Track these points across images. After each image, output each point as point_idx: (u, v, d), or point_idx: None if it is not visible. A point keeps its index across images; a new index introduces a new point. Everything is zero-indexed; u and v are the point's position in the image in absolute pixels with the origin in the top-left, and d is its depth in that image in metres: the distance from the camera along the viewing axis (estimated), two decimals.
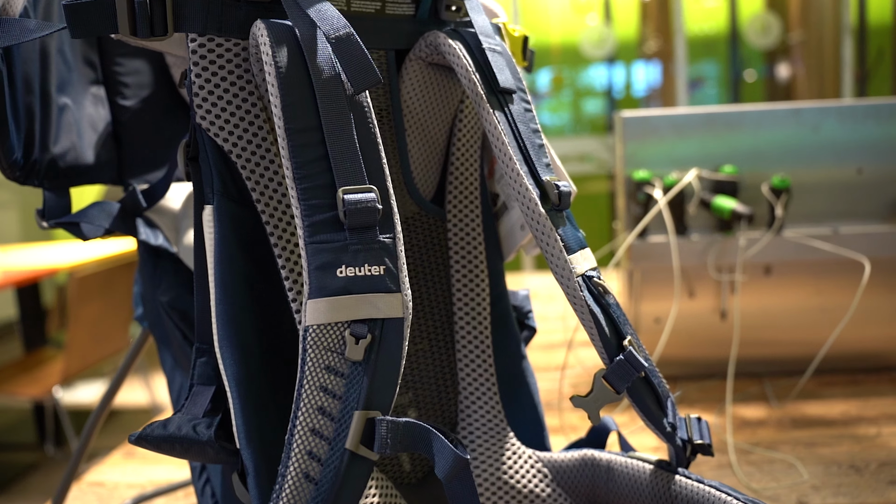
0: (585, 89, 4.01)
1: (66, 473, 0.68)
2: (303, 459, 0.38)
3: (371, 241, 0.41)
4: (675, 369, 1.02)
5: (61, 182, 0.55)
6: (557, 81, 4.00)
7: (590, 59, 3.86)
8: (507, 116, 0.49)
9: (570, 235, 0.47)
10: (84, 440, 0.67)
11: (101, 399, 0.68)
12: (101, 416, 0.68)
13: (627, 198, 0.99)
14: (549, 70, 3.95)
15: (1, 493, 2.47)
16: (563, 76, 3.98)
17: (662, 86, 3.82)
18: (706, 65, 3.88)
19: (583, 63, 3.92)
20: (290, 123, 0.41)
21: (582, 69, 3.96)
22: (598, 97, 4.00)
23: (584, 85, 4.01)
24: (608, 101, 3.93)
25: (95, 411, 0.68)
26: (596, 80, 3.99)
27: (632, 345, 0.47)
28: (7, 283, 2.33)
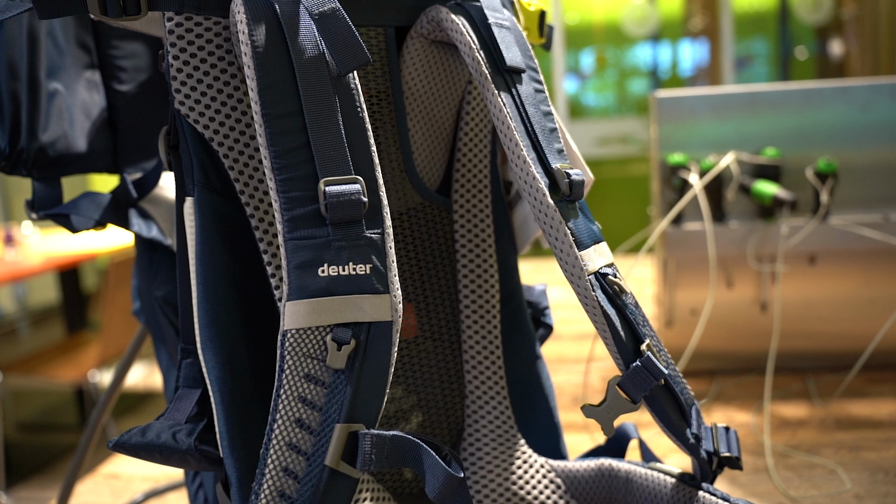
0: (630, 69, 3.91)
1: (73, 466, 0.66)
2: (278, 476, 0.35)
3: (356, 238, 0.37)
4: (711, 363, 0.97)
5: (51, 171, 0.53)
6: (601, 61, 3.91)
7: (633, 38, 3.76)
8: (514, 98, 0.44)
9: (582, 229, 0.43)
10: (88, 434, 0.66)
11: (104, 395, 0.66)
12: (105, 410, 0.66)
13: (662, 183, 0.94)
14: (592, 50, 3.86)
15: (44, 473, 2.52)
16: (606, 56, 3.89)
17: (710, 65, 3.71)
18: (755, 42, 3.75)
19: (627, 42, 3.83)
20: (268, 108, 0.37)
21: (627, 48, 3.86)
22: (642, 77, 3.90)
23: (628, 64, 3.91)
24: (653, 80, 3.82)
25: (99, 406, 0.66)
26: (641, 60, 3.89)
27: (651, 349, 0.42)
28: (49, 268, 2.36)
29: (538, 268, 1.73)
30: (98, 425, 0.67)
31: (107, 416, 0.67)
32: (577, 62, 3.84)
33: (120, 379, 0.65)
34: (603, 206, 3.77)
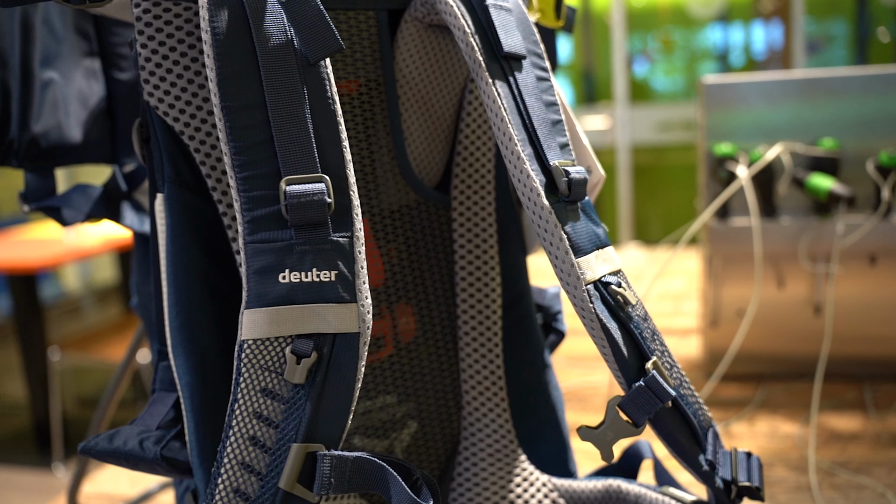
0: (700, 52, 3.77)
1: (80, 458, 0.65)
2: (228, 498, 0.32)
3: (321, 241, 0.34)
4: (759, 367, 0.91)
5: (44, 162, 0.51)
6: (667, 44, 3.78)
7: (701, 20, 3.63)
8: (510, 87, 0.40)
9: (582, 233, 0.39)
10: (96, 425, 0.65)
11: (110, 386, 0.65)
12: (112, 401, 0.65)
13: (708, 175, 0.88)
14: (657, 33, 3.74)
15: None
16: (674, 38, 3.76)
17: (784, 47, 3.54)
18: (832, 23, 3.56)
19: (696, 25, 3.69)
20: (228, 101, 0.34)
21: (697, 31, 3.73)
22: (713, 60, 3.76)
23: (699, 47, 3.77)
24: (722, 64, 3.68)
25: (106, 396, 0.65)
26: (712, 42, 3.75)
27: (658, 368, 0.38)
28: (108, 249, 2.42)
29: None
30: (106, 416, 0.66)
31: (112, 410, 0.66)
32: (645, 45, 3.73)
33: (123, 371, 0.63)
34: (663, 194, 3.66)
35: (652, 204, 3.73)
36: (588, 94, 3.86)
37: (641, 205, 3.66)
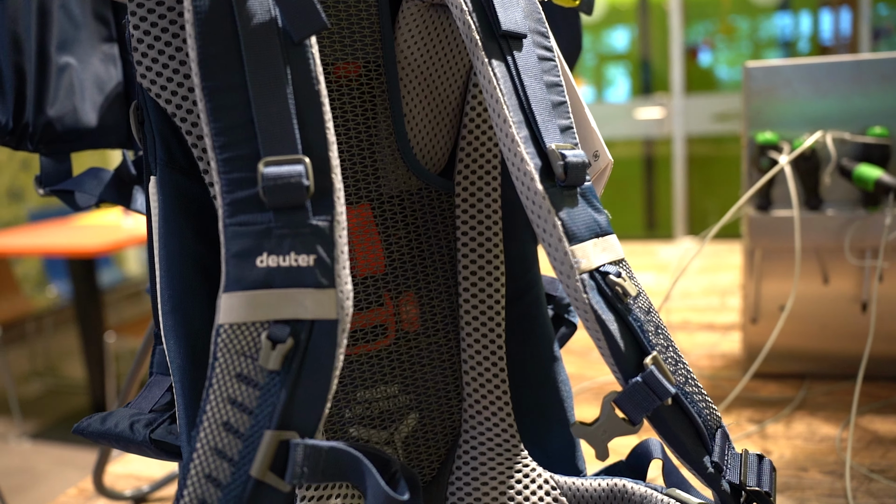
0: (766, 40, 3.66)
1: None
2: (200, 483, 0.32)
3: (300, 225, 0.33)
4: (801, 365, 0.87)
5: (59, 146, 0.52)
6: (727, 31, 3.68)
7: (764, 7, 3.52)
8: (508, 67, 0.39)
9: (579, 220, 0.37)
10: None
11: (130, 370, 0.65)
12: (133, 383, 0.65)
13: (749, 164, 0.84)
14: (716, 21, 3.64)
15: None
16: (735, 26, 3.65)
17: (852, 34, 3.41)
18: None
19: (761, 12, 3.58)
20: (209, 81, 0.34)
21: (762, 19, 3.61)
22: (778, 49, 3.64)
23: (765, 35, 3.65)
24: (789, 52, 3.57)
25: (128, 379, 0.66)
26: (779, 30, 3.63)
27: (657, 363, 0.36)
28: None
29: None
30: (128, 397, 0.66)
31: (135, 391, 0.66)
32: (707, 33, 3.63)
33: (143, 353, 0.64)
34: (721, 187, 3.57)
35: (709, 197, 3.64)
36: (645, 84, 3.78)
37: (698, 197, 3.58)
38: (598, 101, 3.88)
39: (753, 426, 0.76)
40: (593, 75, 3.94)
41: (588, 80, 3.95)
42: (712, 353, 0.97)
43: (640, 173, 3.89)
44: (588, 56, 3.92)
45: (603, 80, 3.94)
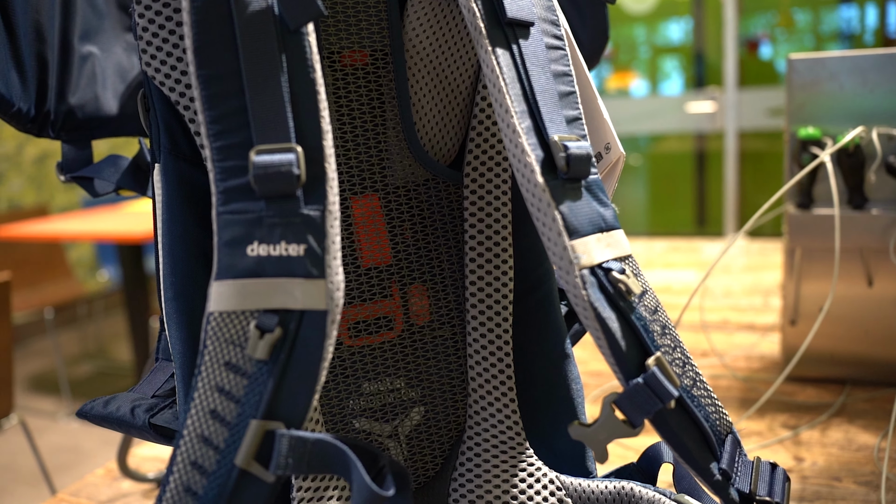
0: (829, 33, 3.54)
1: None
2: (185, 470, 0.32)
3: (291, 214, 0.33)
4: (841, 370, 0.84)
5: (80, 134, 0.53)
6: (787, 23, 3.57)
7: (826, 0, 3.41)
8: (513, 56, 0.37)
9: (581, 214, 0.36)
10: None
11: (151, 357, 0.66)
12: None
13: (790, 160, 0.81)
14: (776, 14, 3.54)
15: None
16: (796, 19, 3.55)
17: None
18: None
19: (825, 4, 3.47)
20: (204, 69, 0.34)
21: (826, 11, 3.50)
22: (843, 41, 3.52)
23: (828, 28, 3.54)
24: (853, 45, 3.45)
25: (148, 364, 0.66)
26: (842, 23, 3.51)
27: (660, 364, 0.35)
28: None
29: (677, 247, 1.61)
30: None
31: None
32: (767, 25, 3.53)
33: None
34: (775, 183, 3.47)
35: (762, 193, 3.55)
36: (698, 78, 3.70)
37: (750, 194, 3.49)
38: (653, 94, 3.81)
39: (787, 432, 0.73)
40: (648, 68, 3.88)
41: (642, 73, 3.88)
42: (750, 355, 0.94)
43: (691, 169, 3.82)
44: (643, 49, 3.86)
45: (657, 73, 3.87)
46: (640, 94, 3.86)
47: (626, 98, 3.74)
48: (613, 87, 3.90)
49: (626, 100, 3.66)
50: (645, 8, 3.79)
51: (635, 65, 3.89)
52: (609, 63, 3.91)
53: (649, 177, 3.98)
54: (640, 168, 4.00)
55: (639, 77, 3.89)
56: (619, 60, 3.91)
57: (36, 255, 3.55)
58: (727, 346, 0.98)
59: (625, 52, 3.90)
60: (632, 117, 3.48)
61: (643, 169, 3.99)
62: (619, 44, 3.89)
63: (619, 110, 3.51)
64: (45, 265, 3.56)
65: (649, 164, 3.98)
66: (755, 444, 0.70)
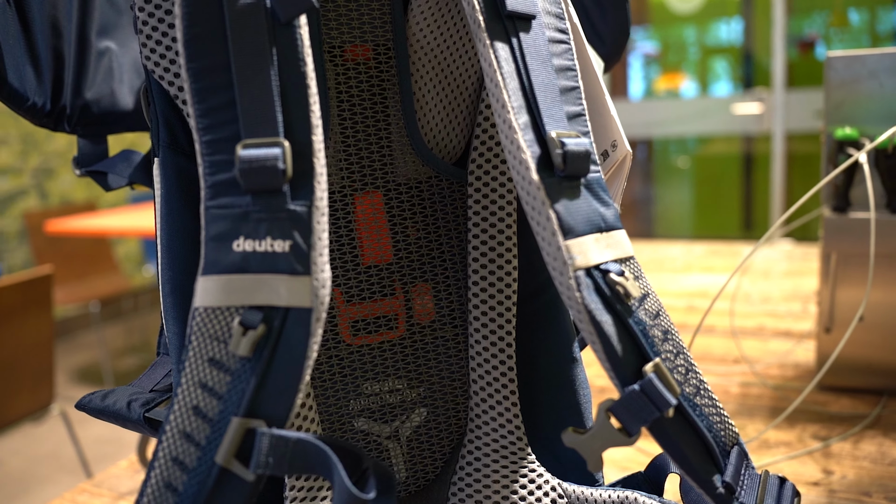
0: (886, 32, 3.43)
1: None
2: (167, 466, 0.31)
3: (277, 210, 0.32)
4: (878, 380, 0.80)
5: (96, 129, 0.53)
6: (841, 22, 3.47)
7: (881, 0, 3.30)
8: (512, 49, 0.36)
9: (578, 213, 0.34)
10: None
11: None
12: None
13: (826, 161, 0.78)
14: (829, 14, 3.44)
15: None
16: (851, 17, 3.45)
17: None
18: None
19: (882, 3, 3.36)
20: (193, 62, 0.33)
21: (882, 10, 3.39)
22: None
23: (886, 28, 3.43)
24: None
25: None
26: None
27: (658, 371, 0.33)
28: None
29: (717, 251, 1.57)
30: None
31: None
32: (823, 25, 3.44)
33: None
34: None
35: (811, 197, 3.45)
36: (747, 78, 3.63)
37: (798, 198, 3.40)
38: (702, 95, 3.75)
39: (818, 443, 0.70)
40: (696, 69, 3.81)
41: (691, 73, 3.82)
42: (784, 363, 0.91)
43: (738, 171, 3.74)
44: (692, 50, 3.79)
45: (706, 74, 3.80)
46: (689, 95, 3.79)
47: (674, 99, 3.68)
48: (662, 88, 3.84)
49: (674, 101, 3.60)
50: (691, 7, 3.73)
51: (684, 66, 3.82)
52: (657, 64, 3.85)
53: (695, 179, 3.91)
54: (686, 171, 3.93)
55: (688, 78, 3.83)
56: (667, 61, 3.85)
57: (84, 250, 3.63)
58: (761, 353, 0.95)
59: (673, 52, 3.84)
60: (678, 118, 3.42)
61: (690, 171, 3.92)
62: (669, 44, 3.83)
63: (666, 112, 3.46)
64: (92, 259, 3.64)
65: (696, 166, 3.91)
66: (782, 455, 0.68)
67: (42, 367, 1.80)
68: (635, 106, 3.52)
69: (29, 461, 2.75)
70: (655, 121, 3.42)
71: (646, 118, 3.44)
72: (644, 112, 3.46)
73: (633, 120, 3.45)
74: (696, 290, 1.28)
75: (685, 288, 1.29)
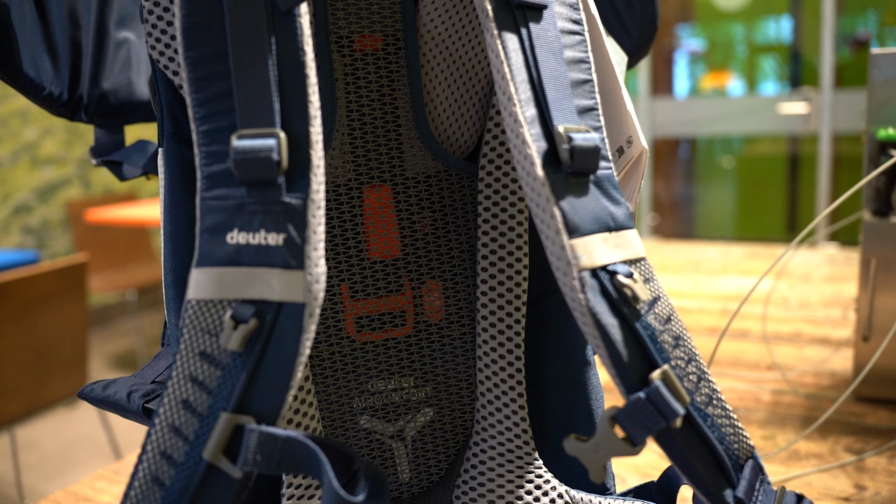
0: None
1: None
2: (155, 459, 0.31)
3: (272, 202, 0.31)
4: None
5: (113, 119, 0.54)
6: (893, 17, 3.36)
7: None
8: (521, 40, 0.35)
9: (583, 211, 0.33)
10: None
11: None
12: None
13: (868, 162, 0.75)
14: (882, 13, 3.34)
15: None
16: None
17: None
18: None
19: None
20: (191, 50, 0.33)
21: None
22: None
23: None
24: None
25: None
26: None
27: (667, 378, 0.31)
28: None
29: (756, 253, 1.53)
30: None
31: None
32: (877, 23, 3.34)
33: None
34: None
35: (857, 199, 3.36)
36: (794, 78, 3.54)
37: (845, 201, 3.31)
38: (748, 94, 3.67)
39: (851, 456, 0.68)
40: (744, 67, 3.73)
41: (739, 72, 3.74)
42: (819, 371, 0.88)
43: (783, 172, 3.65)
44: (739, 48, 3.72)
45: (754, 72, 3.72)
46: (735, 93, 3.72)
47: (718, 97, 3.61)
48: (708, 86, 3.77)
49: (718, 99, 3.53)
50: (738, 4, 3.65)
51: (732, 64, 3.75)
52: (703, 62, 3.79)
53: (739, 180, 3.84)
54: (730, 171, 3.85)
55: (734, 77, 3.75)
56: (713, 59, 3.78)
57: (123, 239, 3.70)
58: (795, 360, 0.92)
59: (720, 50, 3.76)
60: (723, 117, 3.36)
61: (733, 171, 3.85)
62: (715, 42, 3.76)
63: (710, 110, 3.39)
64: (130, 249, 3.71)
65: (740, 166, 3.83)
66: (813, 468, 0.65)
67: (76, 353, 1.83)
68: (679, 104, 3.46)
69: (65, 444, 2.81)
70: (699, 119, 3.36)
71: (690, 116, 3.38)
72: (688, 110, 3.41)
73: (676, 118, 3.40)
74: (731, 292, 1.24)
75: (720, 290, 1.26)
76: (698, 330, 1.05)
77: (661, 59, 3.79)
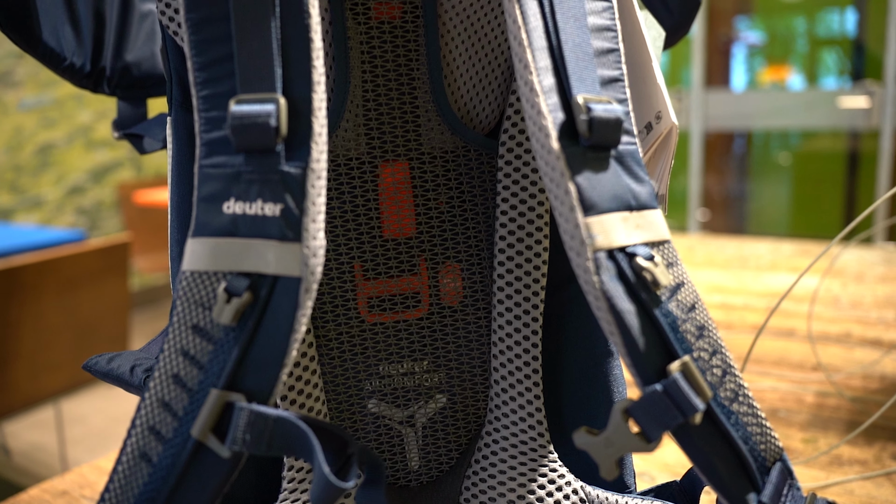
0: None
1: None
2: (143, 435, 0.30)
3: (269, 171, 0.30)
4: None
5: (136, 91, 0.53)
6: None
7: None
8: (541, 5, 0.32)
9: (602, 187, 0.30)
10: None
11: None
12: None
13: (895, 162, 0.70)
14: None
15: None
16: None
17: None
18: None
19: None
20: (193, 12, 0.31)
21: None
22: None
23: None
24: None
25: None
26: None
27: (686, 370, 0.29)
28: None
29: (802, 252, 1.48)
30: None
31: None
32: None
33: None
34: None
35: None
36: (857, 71, 3.42)
37: None
38: (808, 87, 3.56)
39: (885, 471, 0.64)
40: (804, 61, 3.62)
41: (799, 65, 3.63)
42: (869, 374, 0.84)
43: (841, 169, 3.53)
44: (799, 41, 3.60)
45: (815, 67, 3.60)
46: (797, 87, 3.61)
47: (776, 91, 3.51)
48: (766, 80, 3.67)
49: (776, 93, 3.43)
50: None
51: (793, 58, 3.63)
52: (761, 55, 3.68)
53: (795, 176, 3.72)
54: (786, 167, 3.75)
55: (794, 70, 3.64)
56: (772, 52, 3.67)
57: None
58: (844, 361, 0.87)
59: (779, 44, 3.65)
60: (780, 110, 3.26)
61: (789, 167, 3.74)
62: (775, 35, 3.65)
63: (767, 103, 3.29)
64: None
65: (797, 162, 3.72)
66: (856, 475, 0.62)
67: (118, 332, 1.86)
68: (735, 97, 3.37)
69: (110, 420, 2.87)
70: (755, 112, 3.26)
71: (745, 109, 3.29)
72: (743, 103, 3.31)
73: (732, 111, 3.31)
74: (779, 290, 1.20)
75: (768, 287, 1.22)
76: (742, 327, 1.02)
77: (717, 51, 3.69)
